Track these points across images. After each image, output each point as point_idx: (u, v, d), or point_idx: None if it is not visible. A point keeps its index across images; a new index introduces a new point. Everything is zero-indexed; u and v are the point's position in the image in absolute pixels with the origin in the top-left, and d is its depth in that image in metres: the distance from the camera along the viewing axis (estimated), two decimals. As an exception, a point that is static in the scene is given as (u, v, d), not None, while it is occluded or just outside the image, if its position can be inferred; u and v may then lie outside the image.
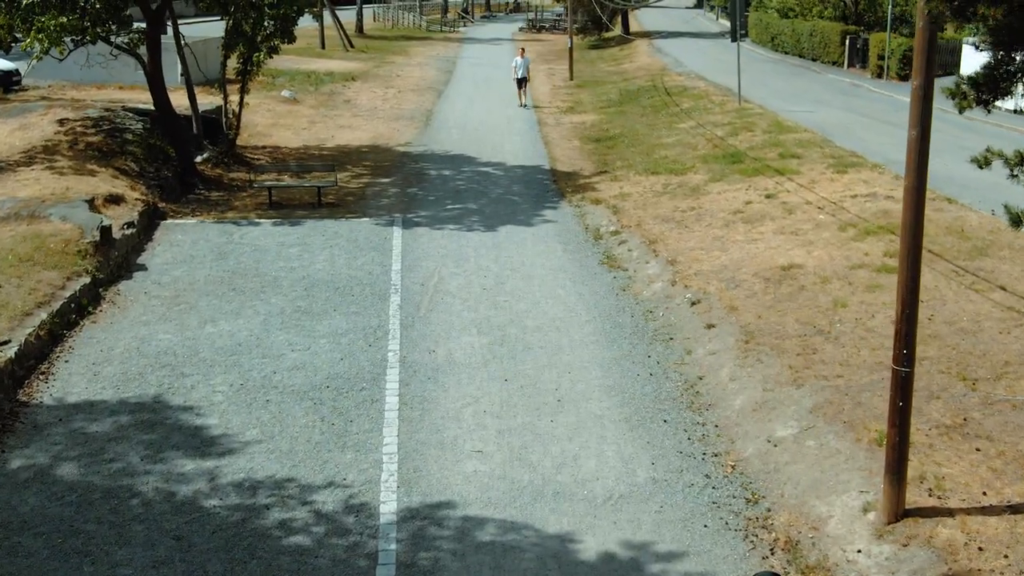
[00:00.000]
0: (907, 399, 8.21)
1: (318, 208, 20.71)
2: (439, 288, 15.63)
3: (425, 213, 20.35)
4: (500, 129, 30.47)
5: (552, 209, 20.68)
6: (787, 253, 15.44)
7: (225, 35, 22.49)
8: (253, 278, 16.06)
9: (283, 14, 21.51)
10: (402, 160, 25.87)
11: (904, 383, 8.17)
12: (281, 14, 21.50)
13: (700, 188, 20.33)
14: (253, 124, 30.48)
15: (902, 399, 8.19)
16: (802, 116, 28.19)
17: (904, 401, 8.20)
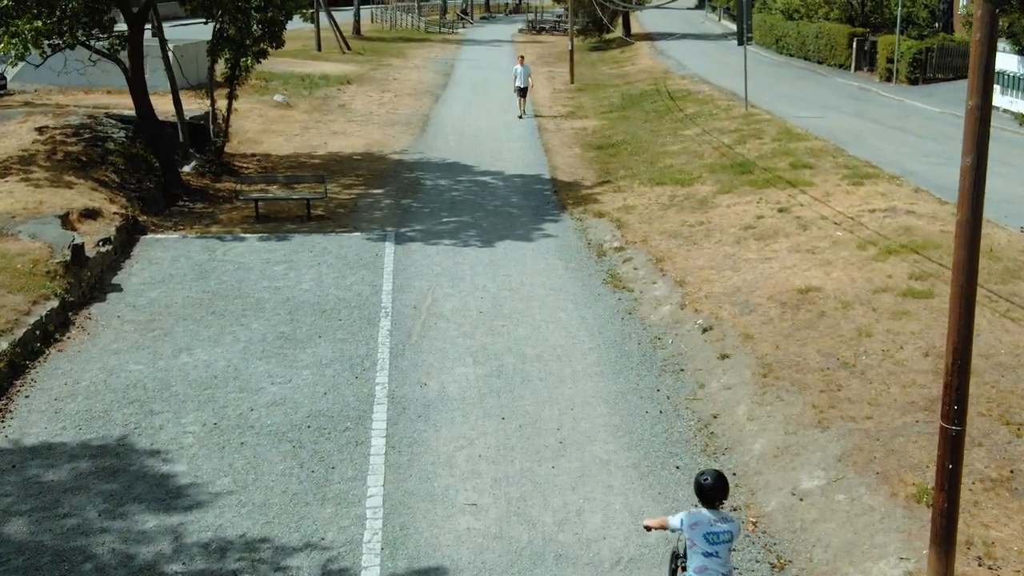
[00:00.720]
0: (958, 461, 7.23)
1: (307, 222, 19.72)
2: (432, 311, 14.64)
3: (419, 227, 19.36)
4: (499, 135, 29.49)
5: (553, 222, 19.69)
6: (804, 274, 14.44)
7: (211, 39, 21.47)
8: (235, 300, 15.07)
9: (270, 18, 20.51)
10: (396, 169, 24.88)
11: (955, 443, 7.18)
12: (268, 18, 20.49)
13: (708, 200, 19.33)
14: (244, 130, 29.53)
15: (952, 461, 7.21)
16: (811, 122, 27.20)
17: (955, 463, 7.21)
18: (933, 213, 16.66)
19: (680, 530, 7.01)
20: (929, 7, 49.46)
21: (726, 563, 6.92)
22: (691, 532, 6.91)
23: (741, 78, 31.74)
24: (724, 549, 6.90)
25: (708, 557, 6.88)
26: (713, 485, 6.99)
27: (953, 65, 36.49)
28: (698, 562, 6.90)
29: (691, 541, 6.93)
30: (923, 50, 36.20)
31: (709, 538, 6.89)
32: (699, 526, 6.91)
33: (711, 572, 6.88)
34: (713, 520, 6.94)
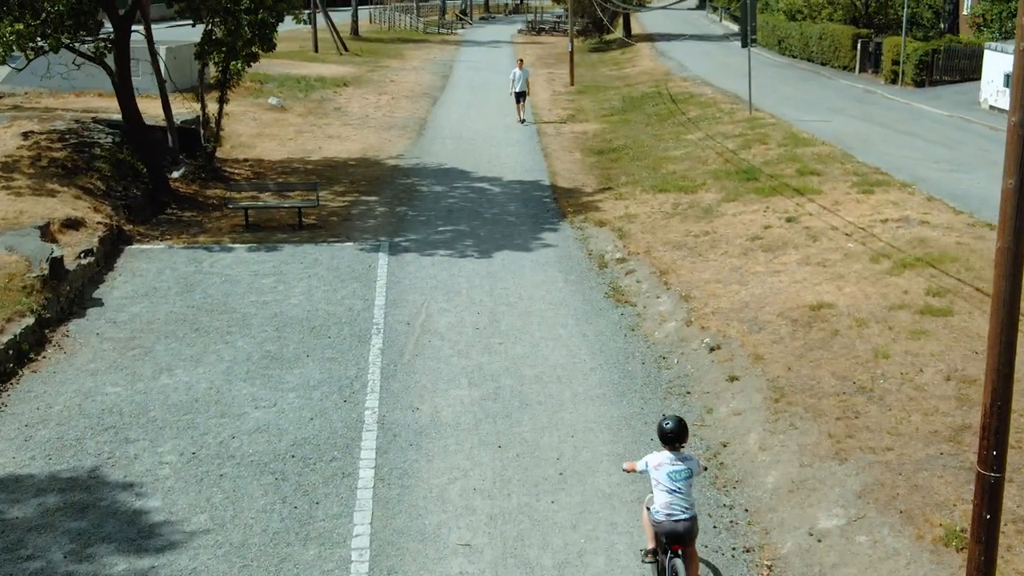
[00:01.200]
0: (996, 511, 6.59)
1: (298, 231, 19.08)
2: (426, 328, 14.00)
3: (414, 236, 18.71)
4: (497, 139, 28.85)
5: (552, 231, 19.05)
6: (815, 289, 13.80)
7: (199, 42, 20.82)
8: (220, 315, 14.42)
9: (261, 20, 19.86)
10: (392, 174, 24.23)
11: (993, 491, 6.54)
12: (259, 20, 19.84)
13: (713, 209, 18.69)
14: (236, 134, 28.89)
15: (990, 511, 6.57)
16: (817, 127, 26.56)
17: (992, 513, 6.58)
18: (948, 224, 16.01)
19: (646, 471, 7.81)
20: (933, 8, 48.88)
21: (688, 497, 7.69)
22: (655, 472, 7.73)
23: (744, 80, 31.11)
24: (685, 485, 7.68)
25: (671, 494, 7.64)
26: (674, 428, 7.76)
27: (960, 67, 35.84)
28: (663, 499, 7.66)
29: (656, 480, 7.73)
30: (929, 52, 35.55)
31: (671, 476, 7.67)
32: (662, 466, 7.72)
33: (675, 507, 7.62)
34: (674, 460, 7.72)
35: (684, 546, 7.59)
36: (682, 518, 7.61)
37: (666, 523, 7.62)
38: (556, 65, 49.83)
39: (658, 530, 7.70)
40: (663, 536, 7.67)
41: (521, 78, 31.45)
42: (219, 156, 25.91)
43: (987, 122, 28.08)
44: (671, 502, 7.62)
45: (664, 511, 7.63)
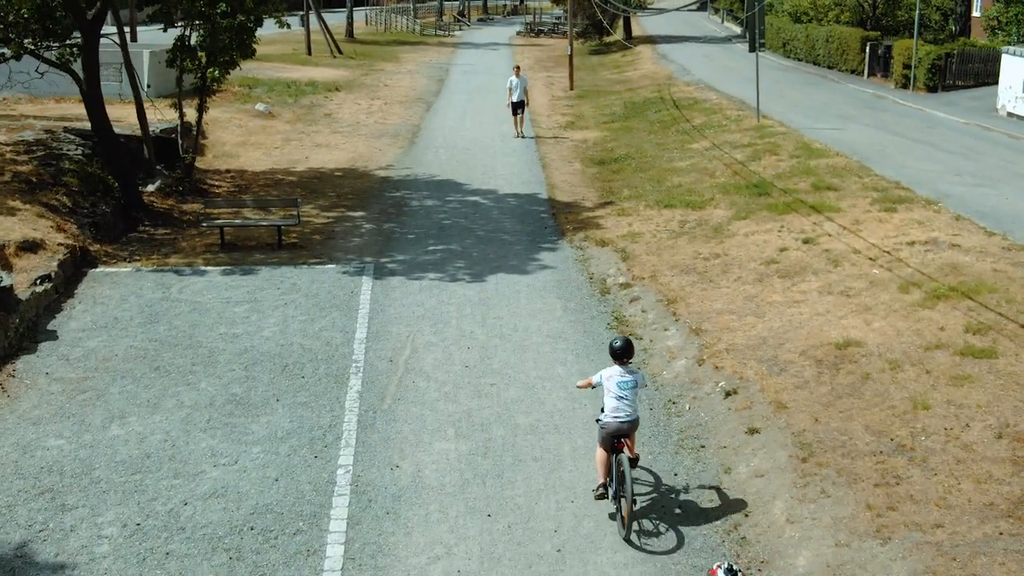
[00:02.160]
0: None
1: (278, 250, 17.77)
2: (411, 366, 12.69)
3: (402, 257, 17.40)
4: (493, 148, 27.54)
5: (550, 251, 17.74)
6: (840, 323, 12.49)
7: (171, 49, 19.48)
8: (185, 351, 13.11)
9: (238, 25, 18.54)
10: (381, 187, 22.93)
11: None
12: (236, 25, 18.51)
13: (723, 228, 17.38)
14: (220, 142, 27.62)
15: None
16: (829, 135, 25.25)
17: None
18: (981, 247, 14.71)
19: (600, 384, 9.20)
20: (941, 9, 47.61)
21: (633, 403, 9.11)
22: (607, 383, 9.13)
23: (749, 85, 29.84)
24: (631, 393, 9.10)
25: (619, 400, 9.07)
26: (622, 347, 9.23)
27: (974, 71, 34.58)
28: (612, 404, 9.09)
29: (607, 389, 9.12)
30: (942, 55, 34.26)
31: (620, 385, 9.09)
32: (612, 378, 9.13)
33: (621, 410, 9.06)
34: (623, 372, 9.14)
35: (627, 443, 9.07)
36: (627, 419, 9.08)
37: (613, 424, 9.07)
38: (555, 68, 48.55)
39: (607, 430, 9.08)
40: (611, 436, 9.09)
41: (519, 87, 28.85)
42: (200, 166, 24.65)
43: (1006, 130, 26.80)
44: (618, 406, 9.08)
45: (612, 414, 9.08)
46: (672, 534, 8.95)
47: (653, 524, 9.11)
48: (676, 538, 8.88)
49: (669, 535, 8.94)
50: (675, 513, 9.30)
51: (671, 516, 9.25)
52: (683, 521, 9.16)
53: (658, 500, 9.53)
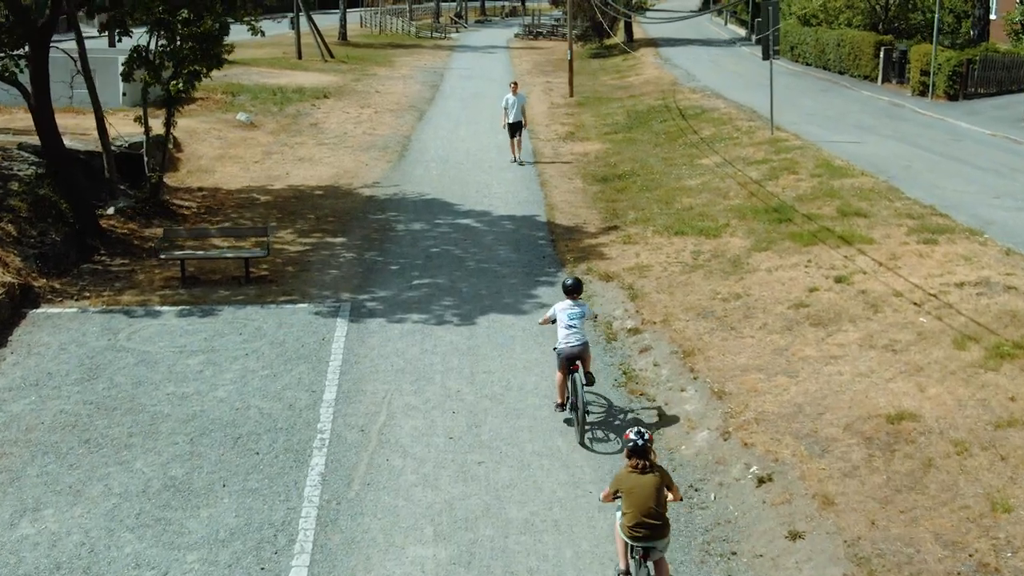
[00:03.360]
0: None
1: (245, 285, 15.92)
2: (386, 437, 10.84)
3: (383, 293, 15.56)
4: (488, 163, 25.68)
5: (549, 286, 15.89)
6: (888, 388, 10.66)
7: (126, 61, 17.60)
8: (124, 417, 11.27)
9: (202, 33, 16.67)
10: (365, 208, 21.08)
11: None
12: (199, 33, 16.65)
13: (742, 261, 15.54)
14: (196, 156, 25.81)
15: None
16: (849, 150, 23.41)
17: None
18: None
19: (554, 316, 10.99)
20: (954, 12, 45.79)
21: (581, 331, 10.85)
22: (560, 315, 10.93)
23: (758, 92, 28.07)
24: (580, 322, 10.88)
25: (569, 328, 10.83)
26: (572, 285, 11.16)
27: (996, 78, 32.75)
28: (564, 333, 10.83)
29: (560, 321, 10.88)
30: (963, 62, 32.41)
31: (570, 316, 10.86)
32: (564, 310, 10.94)
33: (572, 336, 10.78)
34: (572, 305, 10.96)
35: (581, 365, 10.73)
36: (578, 344, 10.75)
37: (567, 349, 10.75)
38: (554, 73, 46.73)
39: (562, 355, 10.79)
40: (565, 359, 10.76)
41: (516, 106, 24.98)
42: (172, 183, 22.82)
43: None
44: (569, 334, 10.76)
45: (565, 341, 10.75)
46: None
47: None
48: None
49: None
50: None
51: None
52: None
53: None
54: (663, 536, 7.65)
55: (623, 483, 7.71)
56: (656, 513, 7.56)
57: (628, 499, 7.65)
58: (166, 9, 16.24)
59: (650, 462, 7.71)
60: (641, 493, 7.57)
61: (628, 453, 7.77)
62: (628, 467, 7.75)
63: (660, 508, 7.59)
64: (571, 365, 10.71)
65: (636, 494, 7.59)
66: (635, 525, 7.58)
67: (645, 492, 7.56)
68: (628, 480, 7.68)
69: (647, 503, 7.54)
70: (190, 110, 31.23)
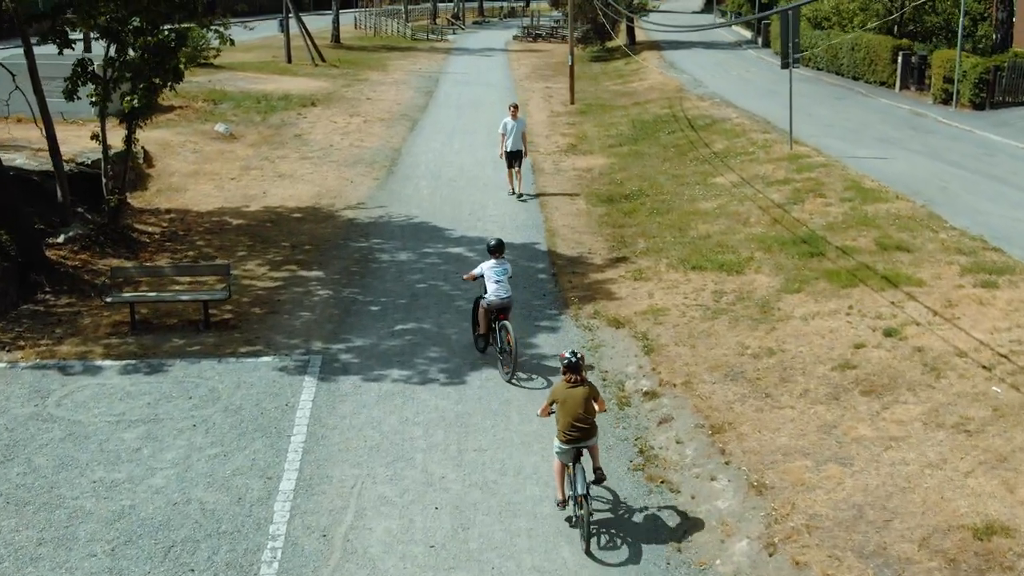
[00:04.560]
0: None
1: (203, 332, 13.95)
2: (352, 546, 8.86)
3: (360, 342, 13.59)
4: (484, 179, 23.71)
5: (550, 332, 13.92)
6: (967, 485, 8.69)
7: (69, 76, 15.54)
8: (37, 515, 9.29)
9: (155, 44, 14.67)
10: (347, 233, 19.11)
11: None
12: (152, 44, 14.65)
13: (772, 305, 13.58)
14: (168, 172, 23.85)
15: None
16: (878, 168, 21.46)
17: None
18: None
19: (482, 274, 12.53)
20: (970, 14, 43.86)
21: (507, 285, 12.51)
22: (487, 271, 12.47)
23: (770, 99, 26.24)
24: (505, 279, 12.51)
25: (497, 283, 12.42)
26: (496, 245, 12.69)
27: None
28: (492, 287, 12.41)
29: (488, 277, 12.45)
30: (991, 68, 30.43)
31: (497, 272, 12.46)
32: (490, 268, 12.48)
33: (500, 290, 12.39)
34: (496, 263, 12.52)
35: (506, 315, 12.43)
36: (505, 296, 12.44)
37: (496, 301, 12.41)
38: (554, 78, 44.75)
39: (490, 307, 12.45)
40: (494, 311, 12.47)
41: (516, 132, 21.59)
42: (137, 205, 20.88)
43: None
44: (497, 288, 12.42)
45: (495, 294, 12.39)
46: None
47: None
48: None
49: None
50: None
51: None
52: None
53: None
54: (591, 437, 8.99)
55: (558, 395, 9.02)
56: (585, 418, 8.89)
57: (562, 408, 8.95)
58: (114, 18, 14.20)
59: (581, 377, 9.02)
60: (573, 403, 8.88)
61: (564, 370, 9.04)
62: (563, 381, 9.03)
63: (589, 415, 8.91)
64: (499, 315, 12.45)
65: (569, 404, 8.90)
66: (568, 429, 8.89)
67: (576, 401, 8.88)
68: (563, 392, 8.98)
69: (578, 410, 8.87)
70: (166, 120, 29.29)
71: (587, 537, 8.62)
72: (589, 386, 8.99)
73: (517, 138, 21.59)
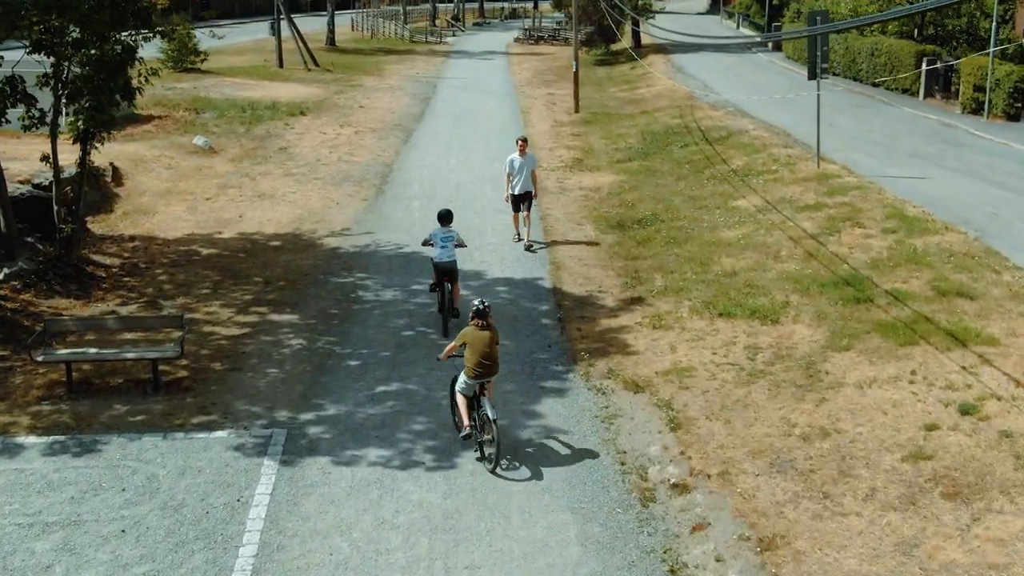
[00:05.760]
0: None
1: (151, 395, 11.92)
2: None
3: (333, 410, 11.55)
4: (481, 200, 21.70)
5: (557, 396, 11.88)
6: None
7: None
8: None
9: (96, 59, 12.62)
10: (328, 266, 17.08)
11: None
12: (93, 57, 12.60)
13: (817, 367, 11.54)
14: (139, 191, 21.89)
15: None
16: (916, 190, 19.43)
17: None
18: None
19: (430, 238, 14.19)
20: (990, 16, 41.82)
21: (451, 251, 14.06)
22: (433, 237, 14.11)
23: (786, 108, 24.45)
24: (450, 243, 14.06)
25: (443, 248, 14.02)
26: (444, 214, 14.31)
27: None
28: (438, 251, 14.02)
29: (434, 241, 14.11)
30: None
31: (443, 239, 14.03)
32: (437, 234, 14.12)
33: (444, 254, 14.00)
34: (444, 231, 14.12)
35: (451, 279, 14.05)
36: (448, 259, 13.97)
37: (441, 263, 13.97)
38: (557, 83, 42.74)
39: (437, 269, 14.04)
40: (439, 273, 14.02)
41: (524, 171, 17.97)
42: (98, 231, 18.94)
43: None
44: (442, 252, 13.96)
45: (439, 256, 13.98)
46: None
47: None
48: None
49: None
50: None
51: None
52: None
53: None
54: (494, 373, 10.28)
55: (468, 337, 10.20)
56: (489, 356, 10.13)
57: (471, 348, 10.12)
58: (48, 28, 12.15)
59: (488, 323, 10.17)
60: (481, 343, 10.11)
61: (472, 316, 10.18)
62: (472, 326, 10.19)
63: (492, 354, 10.17)
64: (444, 278, 14.03)
65: (477, 344, 10.12)
66: (476, 366, 10.10)
67: (484, 342, 10.11)
68: (472, 335, 10.18)
69: (485, 350, 10.10)
70: (142, 132, 27.32)
71: (497, 457, 10.00)
72: (493, 330, 10.33)
73: (526, 179, 18.02)
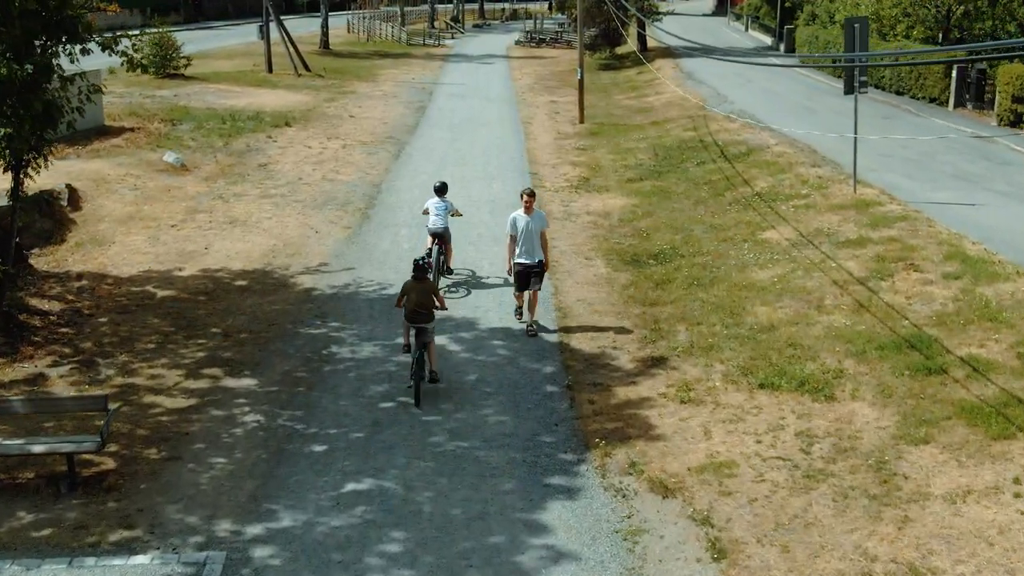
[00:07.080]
0: None
1: (64, 496, 9.64)
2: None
3: (286, 520, 9.25)
4: (479, 229, 19.39)
5: (564, 499, 9.58)
6: None
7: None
8: None
9: (9, 78, 10.33)
10: (299, 313, 14.80)
11: None
12: (9, 76, 10.30)
13: (890, 467, 9.25)
14: (98, 216, 19.67)
15: None
16: (968, 219, 17.15)
17: None
18: None
19: (427, 208, 15.99)
20: (1018, 21, 39.54)
21: (445, 218, 15.72)
22: (430, 206, 15.89)
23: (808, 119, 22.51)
24: (444, 212, 15.77)
25: (436, 216, 15.69)
26: (440, 187, 16.04)
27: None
28: (432, 219, 15.71)
29: (430, 211, 15.86)
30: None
31: (437, 208, 15.77)
32: (433, 204, 15.89)
33: (438, 221, 15.67)
34: (438, 201, 15.88)
35: (443, 242, 15.74)
36: (441, 227, 15.67)
37: (434, 229, 15.62)
38: (560, 90, 40.47)
39: (431, 234, 15.69)
40: (432, 236, 15.64)
41: (531, 233, 13.70)
42: (43, 268, 16.73)
43: None
44: (435, 220, 15.68)
45: (432, 224, 15.69)
46: None
47: None
48: None
49: None
50: None
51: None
52: None
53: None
54: (428, 321, 12.01)
55: (408, 287, 12.10)
56: (424, 304, 11.97)
57: (409, 296, 12.04)
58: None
59: (426, 277, 12.23)
60: (416, 294, 11.98)
61: (413, 270, 12.22)
62: (412, 279, 12.13)
63: (427, 303, 11.99)
64: (436, 240, 15.59)
65: (413, 295, 11.99)
66: (411, 312, 12.01)
67: (419, 292, 11.99)
68: (411, 285, 12.07)
69: (420, 299, 11.96)
70: (110, 147, 25.05)
71: (417, 393, 11.56)
72: (427, 282, 12.12)
73: (533, 244, 13.71)
